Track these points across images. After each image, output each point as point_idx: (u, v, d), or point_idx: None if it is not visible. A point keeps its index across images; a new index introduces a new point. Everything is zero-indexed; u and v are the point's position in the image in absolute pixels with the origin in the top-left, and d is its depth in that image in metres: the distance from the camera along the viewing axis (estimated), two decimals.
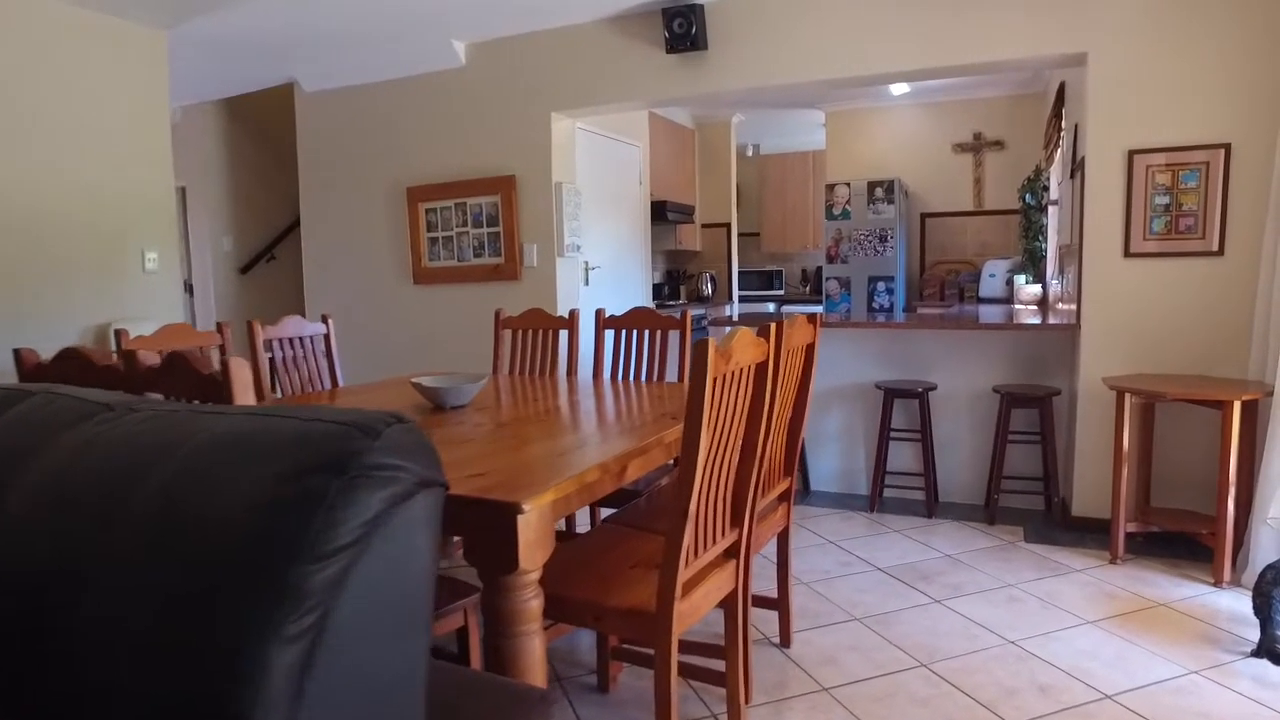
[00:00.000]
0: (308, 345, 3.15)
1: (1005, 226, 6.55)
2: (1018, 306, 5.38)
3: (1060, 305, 4.88)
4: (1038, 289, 5.45)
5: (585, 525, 3.41)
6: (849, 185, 6.40)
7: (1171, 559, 3.22)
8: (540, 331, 3.44)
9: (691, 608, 1.77)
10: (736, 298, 7.94)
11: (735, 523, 1.97)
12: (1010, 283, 5.85)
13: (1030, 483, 3.90)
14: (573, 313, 3.38)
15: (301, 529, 0.76)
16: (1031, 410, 3.80)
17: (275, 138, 6.37)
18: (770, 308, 8.15)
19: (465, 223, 4.84)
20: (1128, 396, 3.17)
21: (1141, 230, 3.39)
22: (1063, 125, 4.81)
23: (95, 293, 3.97)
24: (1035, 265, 5.88)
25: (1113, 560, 3.20)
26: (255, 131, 6.42)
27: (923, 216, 6.83)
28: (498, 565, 1.46)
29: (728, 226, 7.72)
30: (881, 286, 6.35)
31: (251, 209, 6.42)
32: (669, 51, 4.10)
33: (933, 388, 3.90)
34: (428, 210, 4.95)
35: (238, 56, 4.76)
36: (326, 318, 3.28)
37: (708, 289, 7.51)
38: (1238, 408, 2.88)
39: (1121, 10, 3.36)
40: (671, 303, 7.19)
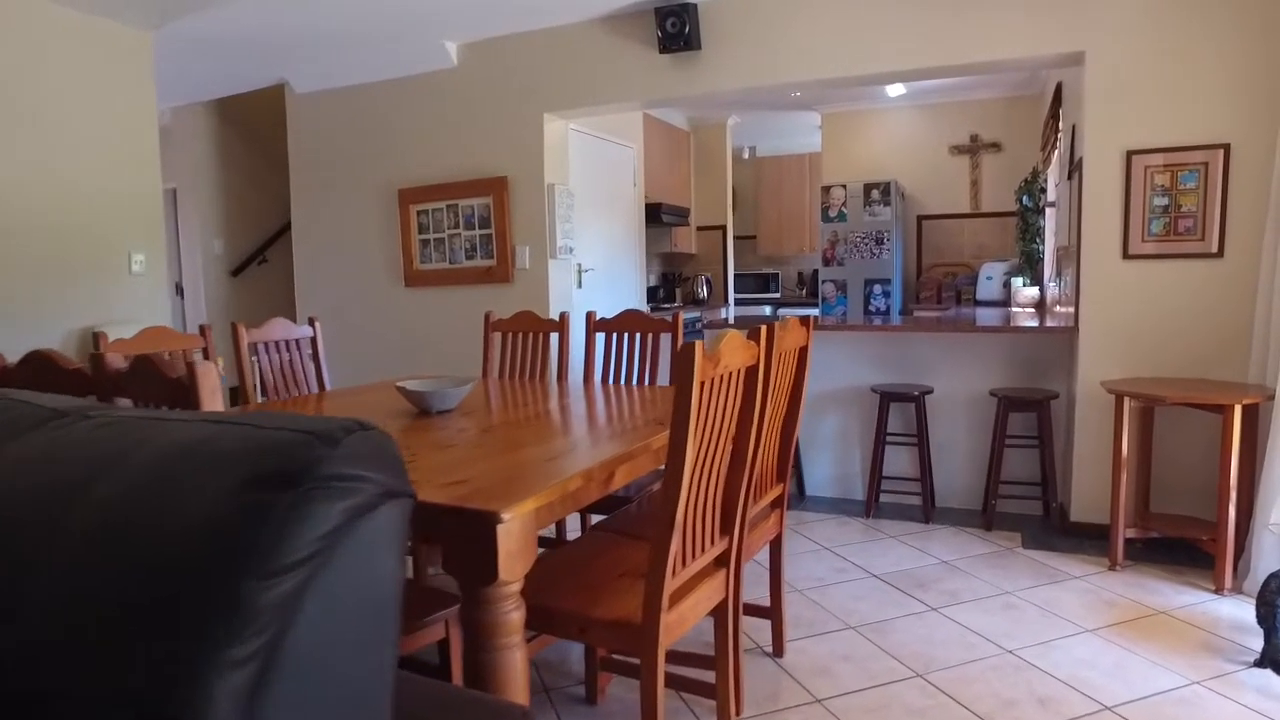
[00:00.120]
0: (294, 348, 3.10)
1: (1002, 229, 6.51)
2: (1015, 309, 5.33)
3: (1058, 308, 4.84)
4: (1035, 291, 5.41)
5: (576, 531, 3.35)
6: (845, 187, 6.36)
7: (1171, 565, 3.17)
8: (530, 334, 3.39)
9: (679, 619, 1.72)
10: (733, 301, 7.90)
11: (725, 530, 1.92)
12: (1007, 285, 5.81)
13: (1028, 488, 3.86)
14: (563, 315, 3.33)
15: (250, 544, 0.71)
16: (1029, 414, 3.75)
17: (266, 139, 6.32)
18: (766, 311, 8.11)
19: (457, 225, 4.79)
20: (1126, 400, 3.13)
21: (1140, 231, 3.35)
22: (1060, 126, 4.77)
23: (81, 295, 3.91)
24: (1032, 267, 5.84)
25: (1112, 567, 3.16)
26: (246, 133, 6.37)
27: (919, 219, 6.79)
28: (477, 576, 1.41)
29: (723, 229, 7.68)
30: (878, 289, 6.31)
31: (243, 211, 6.37)
32: (662, 51, 4.06)
33: (929, 391, 3.85)
34: (419, 212, 4.91)
35: (228, 57, 4.72)
36: (313, 320, 3.24)
37: (703, 292, 7.46)
38: (1238, 412, 2.84)
39: (1120, 10, 3.32)
40: (666, 306, 7.14)
